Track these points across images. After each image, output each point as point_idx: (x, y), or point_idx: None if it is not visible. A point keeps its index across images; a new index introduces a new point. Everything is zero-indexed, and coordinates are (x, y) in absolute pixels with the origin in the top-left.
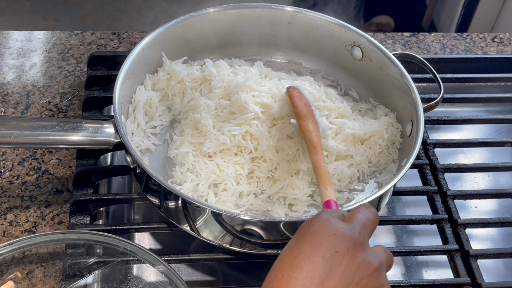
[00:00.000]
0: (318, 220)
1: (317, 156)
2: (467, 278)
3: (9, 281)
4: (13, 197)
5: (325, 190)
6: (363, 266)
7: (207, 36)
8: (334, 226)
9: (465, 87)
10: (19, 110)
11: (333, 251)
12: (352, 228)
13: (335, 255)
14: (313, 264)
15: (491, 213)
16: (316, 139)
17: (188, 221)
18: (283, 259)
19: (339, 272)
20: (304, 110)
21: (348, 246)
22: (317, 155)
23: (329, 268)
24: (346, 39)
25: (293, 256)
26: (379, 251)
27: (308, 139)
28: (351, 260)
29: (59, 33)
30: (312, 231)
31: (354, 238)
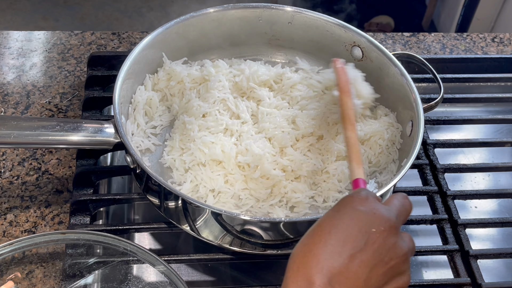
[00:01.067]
0: (359, 197)
1: (353, 133)
2: (467, 278)
3: (9, 281)
4: (13, 197)
5: (357, 168)
6: (394, 249)
7: (207, 36)
8: (374, 205)
9: (465, 87)
10: (19, 110)
11: (370, 228)
12: (390, 211)
13: (372, 232)
14: (350, 235)
15: (491, 213)
16: (353, 116)
17: (188, 221)
18: (322, 226)
19: (372, 248)
20: (348, 85)
21: (384, 226)
22: (353, 132)
23: (364, 242)
24: (346, 39)
25: (332, 225)
26: (408, 239)
27: (347, 115)
28: (385, 240)
29: (59, 33)
30: (353, 206)
31: (391, 220)
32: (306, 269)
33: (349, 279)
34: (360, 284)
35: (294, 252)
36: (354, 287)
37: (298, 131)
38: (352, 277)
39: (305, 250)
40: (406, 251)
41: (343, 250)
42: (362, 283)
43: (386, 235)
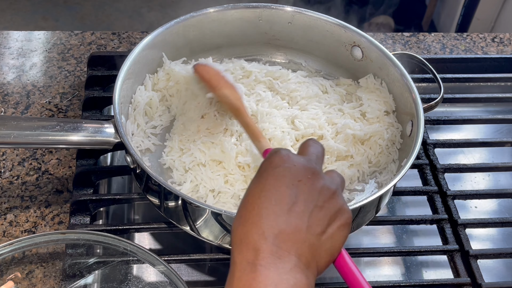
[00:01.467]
0: (278, 156)
1: (242, 116)
2: (467, 278)
3: (9, 281)
4: (13, 197)
5: (260, 143)
6: (323, 191)
7: (207, 36)
8: (292, 159)
9: (465, 87)
10: (19, 110)
11: (296, 180)
12: (309, 159)
13: (298, 184)
14: (279, 193)
15: (491, 213)
16: (235, 101)
17: (188, 221)
18: (250, 194)
19: (303, 197)
20: (214, 80)
21: (308, 174)
22: (242, 116)
23: (295, 195)
24: (346, 39)
25: (259, 189)
26: (334, 175)
27: (228, 104)
28: (313, 186)
29: (59, 33)
30: (274, 165)
31: (312, 167)
32: (248, 238)
33: (292, 234)
34: (303, 235)
35: (233, 227)
36: (299, 239)
37: (298, 131)
38: (294, 231)
39: (242, 221)
40: (335, 189)
41: (278, 208)
42: (305, 233)
43: (311, 182)
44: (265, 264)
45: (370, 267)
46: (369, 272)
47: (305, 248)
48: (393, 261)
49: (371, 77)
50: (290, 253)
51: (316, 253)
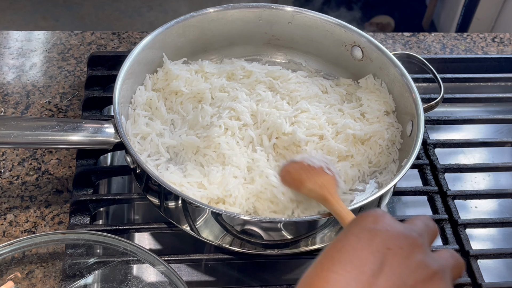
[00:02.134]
0: (372, 215)
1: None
2: (467, 278)
3: (9, 281)
4: (13, 197)
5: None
6: (419, 269)
7: (207, 36)
8: (389, 222)
9: (465, 87)
10: (19, 110)
11: (385, 247)
12: (410, 228)
13: (387, 252)
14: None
15: (491, 213)
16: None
17: (188, 221)
18: (325, 253)
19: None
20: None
21: (402, 244)
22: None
23: (379, 265)
24: (346, 39)
25: (337, 249)
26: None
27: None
28: (406, 260)
29: (59, 33)
30: (363, 225)
31: (412, 237)
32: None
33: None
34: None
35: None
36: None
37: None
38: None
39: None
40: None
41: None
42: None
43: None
44: None
45: None
46: None
47: None
48: None
49: (370, 77)
50: None
51: None
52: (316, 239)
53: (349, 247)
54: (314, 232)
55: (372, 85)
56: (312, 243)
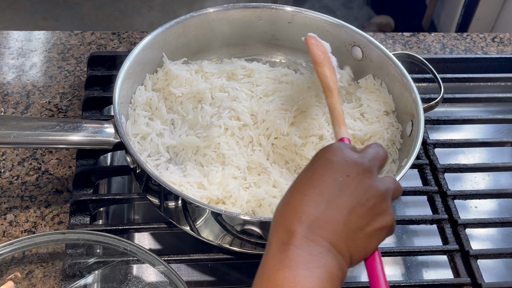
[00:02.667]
0: (332, 148)
1: (332, 99)
2: (467, 278)
3: (9, 281)
4: (13, 197)
5: (339, 129)
6: (370, 190)
7: (207, 36)
8: (346, 153)
9: (465, 87)
10: (19, 110)
11: (344, 174)
12: (363, 156)
13: (346, 178)
14: (324, 184)
15: (491, 213)
16: (332, 83)
17: (188, 221)
18: (298, 181)
19: (348, 192)
20: (320, 56)
21: (358, 171)
22: (333, 98)
23: (340, 188)
24: (346, 39)
25: (307, 178)
26: (388, 180)
27: (324, 83)
28: (360, 183)
29: (59, 33)
30: (326, 158)
31: (364, 164)
32: (285, 220)
33: (328, 223)
34: (340, 227)
35: (275, 210)
36: (334, 230)
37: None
38: (330, 220)
39: (284, 204)
40: (383, 190)
41: (320, 199)
42: (342, 226)
43: (360, 178)
44: (298, 244)
45: None
46: None
47: (339, 239)
48: (393, 261)
49: (370, 78)
50: (324, 239)
51: (350, 246)
52: None
53: (317, 175)
54: None
55: (372, 85)
56: None
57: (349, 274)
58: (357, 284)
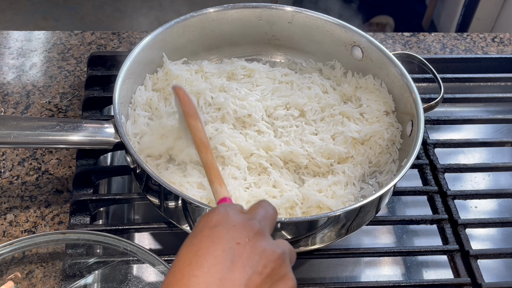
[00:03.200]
0: (216, 213)
1: (208, 154)
2: (467, 278)
3: (9, 281)
4: (13, 197)
5: (220, 188)
6: (265, 254)
7: (207, 36)
8: (232, 217)
9: (465, 87)
10: (19, 110)
11: (234, 242)
12: (251, 218)
13: (236, 247)
14: (213, 258)
15: (491, 213)
16: (205, 138)
17: (188, 221)
18: (181, 258)
19: (241, 262)
20: (194, 109)
21: (248, 236)
22: (208, 154)
23: (231, 260)
24: (346, 39)
25: (192, 253)
26: (282, 242)
27: (198, 138)
28: (253, 249)
29: (59, 33)
30: (211, 225)
31: (254, 227)
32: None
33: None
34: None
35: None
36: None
37: None
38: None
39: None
40: (280, 253)
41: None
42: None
43: (252, 244)
44: None
45: (370, 267)
46: (369, 272)
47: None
48: (393, 261)
49: (370, 78)
50: None
51: None
52: (316, 239)
53: (203, 250)
54: (314, 232)
55: (372, 85)
56: (312, 243)
57: (349, 274)
58: (356, 284)
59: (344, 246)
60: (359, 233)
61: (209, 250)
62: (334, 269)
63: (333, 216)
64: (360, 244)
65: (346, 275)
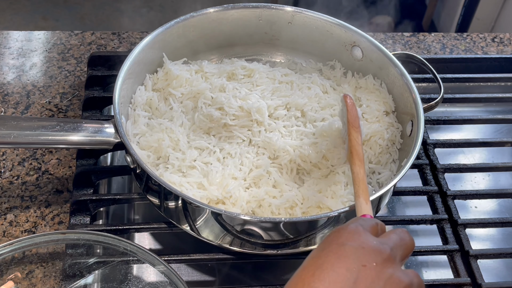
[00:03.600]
0: (347, 231)
1: (362, 169)
2: (467, 278)
3: (9, 281)
4: (13, 197)
5: (365, 204)
6: (390, 282)
7: (207, 36)
8: (363, 238)
9: (465, 87)
10: (19, 110)
11: (360, 264)
12: (383, 243)
13: (362, 269)
14: (336, 275)
15: (491, 213)
16: (362, 152)
17: (188, 221)
18: (306, 268)
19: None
20: (358, 121)
21: (376, 260)
22: (362, 168)
23: (354, 281)
24: (346, 39)
25: (317, 266)
26: (411, 272)
27: (355, 150)
28: (379, 274)
29: (59, 33)
30: (340, 242)
31: (384, 253)
32: None
33: None
34: None
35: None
36: None
37: None
38: None
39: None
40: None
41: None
42: None
43: (379, 269)
44: None
45: None
46: None
47: None
48: None
49: (370, 78)
50: None
51: None
52: (316, 239)
53: (328, 264)
54: (314, 232)
55: (371, 85)
56: (312, 243)
57: None
58: None
59: None
60: None
61: (334, 266)
62: None
63: (333, 216)
64: None
65: None
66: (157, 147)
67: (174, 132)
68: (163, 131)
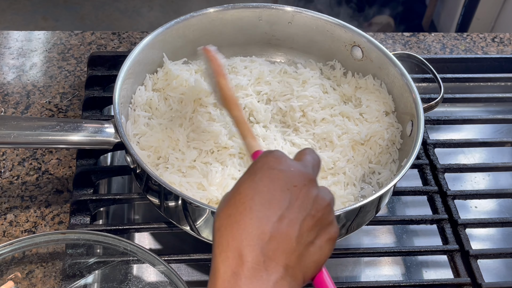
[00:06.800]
0: (273, 156)
1: (238, 111)
2: (467, 278)
3: (9, 281)
4: (13, 197)
5: (253, 141)
6: (318, 200)
7: (207, 36)
8: (289, 162)
9: (465, 87)
10: (19, 110)
11: (291, 184)
12: (305, 165)
13: (293, 189)
14: (273, 197)
15: (491, 213)
16: (234, 96)
17: (188, 221)
18: (242, 192)
19: (297, 204)
20: (222, 68)
21: (304, 181)
22: (238, 111)
23: (288, 200)
24: (346, 39)
25: (253, 190)
26: (327, 190)
27: (229, 96)
28: (307, 194)
29: (59, 33)
30: (269, 166)
31: (309, 174)
32: (235, 242)
33: (282, 242)
34: (293, 244)
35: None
36: (288, 248)
37: None
38: (283, 239)
39: (231, 221)
40: (329, 201)
41: (270, 213)
42: (295, 242)
43: (307, 189)
44: (250, 275)
45: (370, 267)
46: (369, 272)
47: (293, 258)
48: (393, 261)
49: (370, 78)
50: (278, 263)
51: (303, 264)
52: None
53: (262, 187)
54: None
55: (371, 85)
56: None
57: (349, 274)
58: (356, 284)
59: (344, 246)
60: (359, 233)
61: (269, 189)
62: (334, 269)
63: None
64: (360, 244)
65: (346, 275)
66: (157, 147)
67: (174, 132)
68: (163, 131)
